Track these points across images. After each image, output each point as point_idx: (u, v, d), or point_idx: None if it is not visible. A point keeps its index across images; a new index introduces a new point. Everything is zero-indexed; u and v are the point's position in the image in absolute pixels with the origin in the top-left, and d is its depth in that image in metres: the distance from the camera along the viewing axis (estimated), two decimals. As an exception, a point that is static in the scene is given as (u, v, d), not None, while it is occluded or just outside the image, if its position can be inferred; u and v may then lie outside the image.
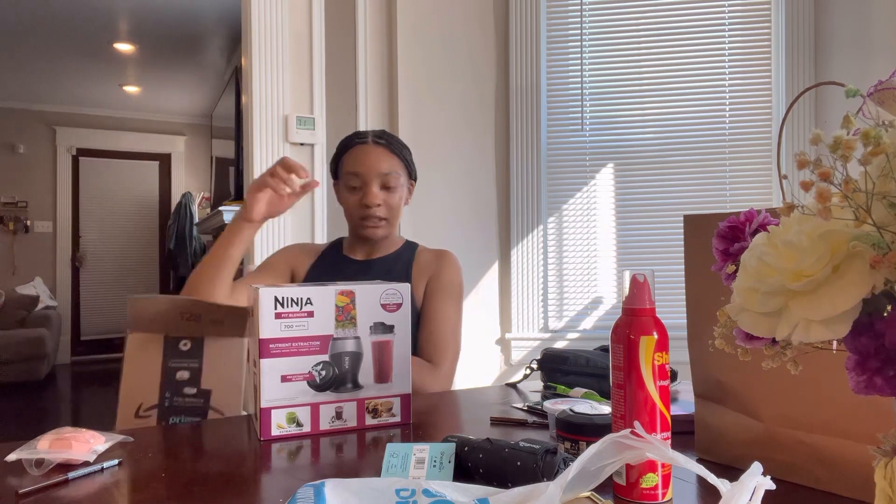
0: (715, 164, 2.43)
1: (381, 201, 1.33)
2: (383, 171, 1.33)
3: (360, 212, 1.34)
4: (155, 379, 1.07)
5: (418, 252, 1.43)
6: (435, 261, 1.39)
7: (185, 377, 1.09)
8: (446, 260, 1.40)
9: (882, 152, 0.34)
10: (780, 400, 0.69)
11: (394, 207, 1.35)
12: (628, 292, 0.65)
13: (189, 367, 1.10)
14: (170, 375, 1.08)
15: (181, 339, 1.10)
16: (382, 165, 1.33)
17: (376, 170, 1.33)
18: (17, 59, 4.95)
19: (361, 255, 1.42)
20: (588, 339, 2.45)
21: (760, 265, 0.40)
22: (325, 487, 0.58)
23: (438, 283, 1.36)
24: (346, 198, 1.37)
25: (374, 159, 1.33)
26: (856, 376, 0.37)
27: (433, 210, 2.50)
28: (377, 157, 1.34)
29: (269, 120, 2.29)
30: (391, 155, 1.35)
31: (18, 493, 0.68)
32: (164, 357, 1.09)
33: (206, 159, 6.69)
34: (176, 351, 1.09)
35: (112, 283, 6.46)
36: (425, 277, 1.37)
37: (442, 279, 1.36)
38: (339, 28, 2.49)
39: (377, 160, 1.33)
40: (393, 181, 1.34)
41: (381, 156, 1.34)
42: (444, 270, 1.38)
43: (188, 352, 1.10)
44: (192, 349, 1.10)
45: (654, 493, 0.62)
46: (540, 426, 0.95)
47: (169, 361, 1.09)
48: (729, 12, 2.42)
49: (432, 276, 1.37)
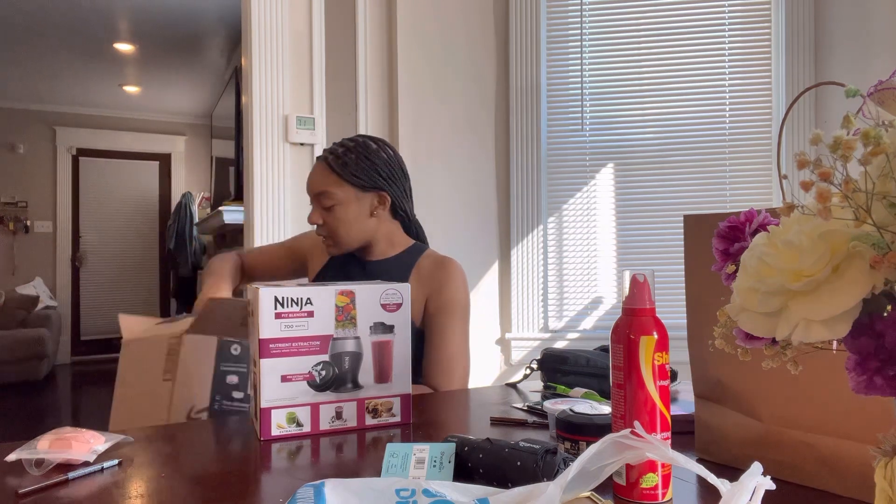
0: (715, 164, 2.43)
1: (323, 220, 1.33)
2: (316, 192, 1.32)
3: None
4: (207, 382, 1.08)
5: (422, 258, 1.37)
6: (436, 274, 1.33)
7: (234, 381, 1.10)
8: (448, 274, 1.33)
9: (882, 152, 0.34)
10: (780, 400, 0.69)
11: (334, 227, 1.31)
12: (628, 292, 0.65)
13: (237, 371, 1.11)
14: (221, 379, 1.09)
15: (233, 344, 1.11)
16: (316, 186, 1.32)
17: (312, 190, 1.33)
18: (17, 58, 4.95)
19: (362, 255, 1.41)
20: (588, 339, 2.45)
21: (760, 265, 0.40)
22: (325, 487, 0.58)
23: (440, 301, 1.31)
24: None
25: (312, 180, 1.33)
26: (856, 376, 0.37)
27: (433, 210, 2.50)
28: (314, 176, 1.33)
29: (269, 120, 2.29)
30: (329, 173, 1.31)
31: (18, 493, 0.68)
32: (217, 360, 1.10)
33: (206, 159, 6.69)
34: (228, 355, 1.10)
35: (112, 283, 6.47)
36: (424, 290, 1.32)
37: (443, 297, 1.31)
38: (339, 28, 2.49)
39: (313, 180, 1.33)
40: (325, 201, 1.30)
41: (318, 175, 1.32)
42: (446, 287, 1.32)
43: (238, 356, 1.11)
44: (242, 354, 1.12)
45: (654, 493, 0.62)
46: (540, 426, 0.95)
47: (221, 365, 1.10)
48: (729, 12, 2.42)
49: (433, 292, 1.31)
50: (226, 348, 1.10)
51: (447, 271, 1.33)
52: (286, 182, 2.31)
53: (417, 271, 1.35)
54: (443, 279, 1.32)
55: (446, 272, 1.33)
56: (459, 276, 1.34)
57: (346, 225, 1.32)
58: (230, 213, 3.88)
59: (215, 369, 1.09)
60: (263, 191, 2.28)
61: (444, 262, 1.35)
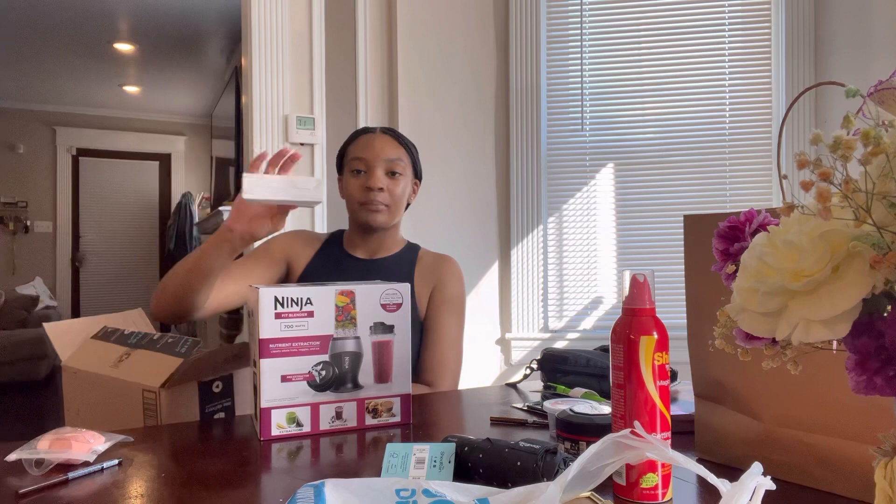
0: (715, 164, 2.43)
1: (385, 186, 1.31)
2: (389, 157, 1.32)
3: (362, 195, 1.31)
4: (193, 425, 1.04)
5: (420, 255, 1.41)
6: (438, 268, 1.37)
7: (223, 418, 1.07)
8: (450, 270, 1.38)
9: (882, 152, 0.34)
10: (780, 400, 0.69)
11: (397, 196, 1.32)
12: (628, 292, 0.65)
13: (223, 406, 1.07)
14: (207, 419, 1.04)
15: (214, 382, 1.06)
16: (388, 152, 1.32)
17: (382, 155, 1.31)
18: (17, 58, 4.95)
19: (363, 252, 1.39)
20: (588, 339, 2.45)
21: (760, 265, 0.40)
22: (325, 487, 0.57)
23: (442, 296, 1.35)
24: (349, 184, 1.33)
25: (380, 146, 1.32)
26: (856, 376, 0.37)
27: (433, 210, 2.50)
28: (383, 143, 1.33)
29: (269, 120, 2.29)
30: (398, 145, 1.35)
31: (18, 493, 0.68)
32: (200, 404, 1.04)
33: (206, 159, 6.69)
34: (210, 395, 1.05)
35: (112, 283, 6.47)
36: (429, 284, 1.36)
37: (445, 292, 1.35)
38: (339, 28, 2.49)
39: (383, 146, 1.32)
40: (398, 167, 1.32)
41: (388, 143, 1.33)
42: (448, 282, 1.36)
43: (221, 392, 1.07)
44: (224, 389, 1.07)
45: (654, 493, 0.62)
46: (540, 426, 0.95)
47: (206, 408, 1.04)
48: (729, 12, 2.42)
49: (436, 286, 1.35)
50: (206, 389, 1.04)
51: (449, 267, 1.38)
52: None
53: (420, 267, 1.38)
54: (445, 274, 1.37)
55: (448, 268, 1.38)
56: (459, 273, 1.40)
57: (401, 199, 1.34)
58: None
59: (200, 413, 1.03)
60: (263, 191, 2.27)
61: (445, 258, 1.40)
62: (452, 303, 1.35)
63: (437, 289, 1.35)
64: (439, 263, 1.38)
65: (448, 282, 1.36)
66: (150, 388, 0.99)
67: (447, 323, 1.33)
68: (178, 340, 1.05)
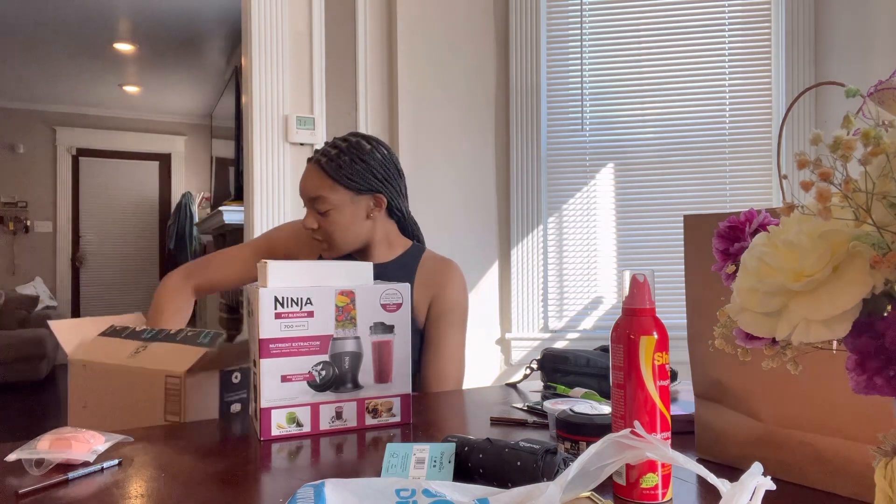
0: (715, 164, 2.43)
1: (318, 224, 1.29)
2: (310, 195, 1.28)
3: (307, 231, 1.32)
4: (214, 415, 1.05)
5: (423, 259, 1.37)
6: (439, 276, 1.34)
7: (238, 409, 1.09)
8: (452, 277, 1.34)
9: (882, 152, 0.34)
10: (780, 400, 0.69)
11: (329, 232, 1.29)
12: (628, 292, 0.65)
13: (240, 398, 1.09)
14: (225, 410, 1.06)
15: (233, 372, 1.08)
16: (310, 190, 1.28)
17: (306, 195, 1.29)
18: (18, 59, 4.95)
19: (360, 257, 1.38)
20: (588, 339, 2.45)
21: (760, 265, 0.40)
22: (325, 487, 0.57)
23: (442, 306, 1.32)
24: None
25: (305, 184, 1.29)
26: (856, 376, 0.37)
27: (433, 210, 2.50)
28: (308, 181, 1.28)
29: (269, 120, 2.29)
30: (323, 177, 1.27)
31: (18, 493, 0.68)
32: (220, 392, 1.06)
33: (206, 159, 6.69)
34: (229, 384, 1.07)
35: (112, 283, 6.47)
36: (428, 292, 1.33)
37: (446, 301, 1.32)
38: (339, 28, 2.49)
39: (307, 185, 1.28)
40: (321, 205, 1.27)
41: (312, 179, 1.28)
42: (449, 291, 1.33)
43: (238, 384, 1.08)
44: (242, 380, 1.09)
45: (654, 493, 0.62)
46: (540, 426, 0.95)
47: (225, 396, 1.06)
48: (729, 12, 2.42)
49: (436, 295, 1.32)
50: (226, 379, 1.07)
51: (450, 274, 1.34)
52: (286, 182, 2.31)
53: (421, 274, 1.34)
54: (446, 282, 1.33)
55: (449, 275, 1.34)
56: (461, 280, 1.35)
57: (343, 229, 1.29)
58: (230, 213, 3.88)
59: (220, 401, 1.06)
60: (263, 191, 2.28)
61: (447, 265, 1.36)
62: (453, 312, 1.32)
63: (436, 298, 1.32)
64: (440, 270, 1.34)
65: (449, 291, 1.32)
66: (174, 373, 1.00)
67: (447, 334, 1.31)
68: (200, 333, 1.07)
